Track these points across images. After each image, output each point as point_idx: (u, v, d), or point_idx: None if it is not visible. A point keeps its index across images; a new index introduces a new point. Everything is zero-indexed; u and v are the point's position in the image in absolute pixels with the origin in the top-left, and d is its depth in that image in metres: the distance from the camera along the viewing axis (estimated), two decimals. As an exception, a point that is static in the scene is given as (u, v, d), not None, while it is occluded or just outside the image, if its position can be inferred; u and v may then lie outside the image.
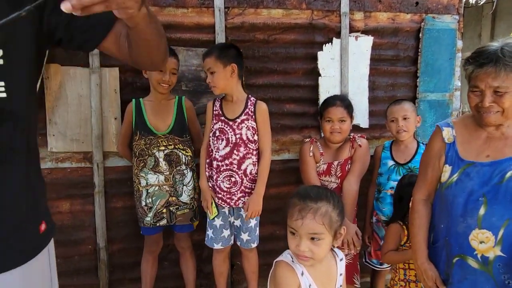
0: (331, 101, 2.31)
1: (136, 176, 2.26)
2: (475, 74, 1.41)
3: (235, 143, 2.15)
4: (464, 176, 1.48)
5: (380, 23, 2.66)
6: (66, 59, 2.34)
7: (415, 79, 2.75)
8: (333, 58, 2.61)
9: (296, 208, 1.29)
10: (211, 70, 2.11)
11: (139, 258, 2.39)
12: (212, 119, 2.20)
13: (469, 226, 1.43)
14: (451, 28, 2.72)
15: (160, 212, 2.23)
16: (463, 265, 1.46)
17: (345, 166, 2.31)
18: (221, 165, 2.15)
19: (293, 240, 1.30)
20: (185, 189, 2.26)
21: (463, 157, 1.51)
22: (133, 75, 2.43)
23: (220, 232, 2.21)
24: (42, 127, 2.35)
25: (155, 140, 2.22)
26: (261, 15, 2.51)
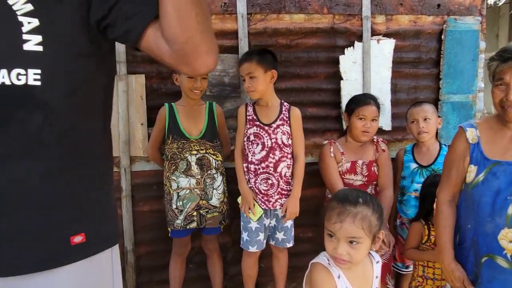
0: (365, 100, 2.30)
1: (167, 179, 2.29)
2: (499, 68, 1.45)
3: (270, 147, 2.20)
4: (490, 176, 1.49)
5: (402, 26, 2.67)
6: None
7: (438, 81, 2.74)
8: (355, 61, 2.63)
9: (334, 211, 1.30)
10: (252, 75, 2.16)
11: (165, 261, 2.43)
12: (246, 124, 2.24)
13: (498, 225, 1.44)
14: (473, 29, 2.71)
15: (190, 215, 2.26)
16: (492, 265, 1.46)
17: (371, 167, 2.31)
18: (257, 168, 2.21)
19: (330, 243, 1.30)
20: (215, 192, 2.30)
21: (488, 156, 1.52)
22: (158, 82, 2.48)
23: (256, 235, 2.23)
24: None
25: (188, 144, 2.26)
26: (283, 20, 2.55)
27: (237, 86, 2.56)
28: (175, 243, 2.37)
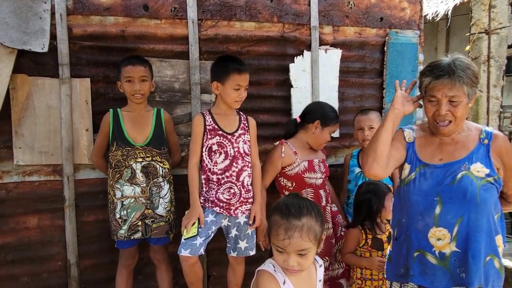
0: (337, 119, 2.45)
1: (111, 188, 2.21)
2: (432, 85, 1.55)
3: (233, 156, 2.17)
4: (420, 176, 1.62)
5: (348, 37, 2.78)
6: (34, 69, 2.28)
7: (382, 90, 2.89)
8: (304, 70, 2.70)
9: (281, 227, 1.29)
10: (247, 87, 2.18)
11: (112, 273, 2.33)
12: (205, 134, 2.14)
13: (427, 224, 1.57)
14: (413, 42, 2.89)
15: (135, 225, 2.19)
16: (423, 260, 1.58)
17: (325, 164, 2.48)
18: (221, 178, 2.15)
19: (280, 256, 1.31)
20: (161, 201, 2.24)
21: (420, 157, 1.65)
22: (105, 86, 2.40)
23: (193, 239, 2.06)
24: (7, 139, 2.26)
25: (133, 152, 2.19)
26: (234, 28, 2.56)
27: (187, 92, 2.53)
28: (122, 254, 2.28)
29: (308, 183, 2.37)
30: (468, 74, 1.53)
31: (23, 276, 2.35)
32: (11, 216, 2.30)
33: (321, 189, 2.41)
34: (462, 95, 1.53)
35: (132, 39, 2.41)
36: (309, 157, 2.41)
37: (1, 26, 2.15)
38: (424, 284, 1.58)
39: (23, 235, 2.33)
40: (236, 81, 2.10)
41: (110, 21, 2.37)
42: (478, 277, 1.50)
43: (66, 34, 2.28)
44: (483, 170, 1.55)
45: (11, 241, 2.30)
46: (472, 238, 1.51)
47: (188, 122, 2.53)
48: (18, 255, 2.32)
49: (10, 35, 2.16)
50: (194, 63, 2.49)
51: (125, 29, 2.38)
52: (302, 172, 2.35)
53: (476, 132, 1.64)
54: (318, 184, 2.39)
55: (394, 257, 1.70)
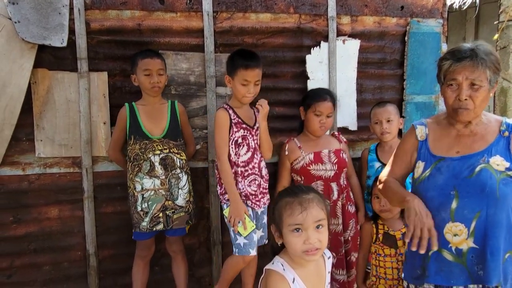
0: (322, 95, 2.36)
1: (131, 181, 2.24)
2: (453, 68, 1.48)
3: (254, 148, 2.21)
4: (435, 171, 1.55)
5: (367, 27, 2.71)
6: (54, 63, 2.33)
7: (402, 81, 2.80)
8: (321, 61, 2.65)
9: (294, 204, 1.30)
10: (258, 82, 2.16)
11: (130, 264, 2.38)
12: (231, 128, 2.14)
13: (443, 219, 1.50)
14: (435, 32, 2.78)
15: (156, 217, 2.22)
16: (438, 258, 1.52)
17: (340, 154, 2.39)
18: (244, 171, 2.16)
19: (298, 238, 1.28)
20: (180, 192, 2.26)
21: (434, 153, 1.58)
22: (122, 79, 2.43)
23: (252, 236, 2.12)
24: (29, 132, 2.33)
25: (150, 145, 2.21)
26: (249, 19, 2.54)
27: (203, 85, 2.52)
28: (138, 246, 2.32)
29: (317, 176, 2.32)
30: (491, 59, 1.46)
31: (45, 265, 2.42)
32: (33, 207, 2.37)
33: (333, 182, 2.33)
34: (484, 79, 1.45)
35: (148, 32, 2.42)
36: (316, 148, 2.37)
37: (23, 22, 2.21)
38: (441, 282, 1.52)
39: (45, 225, 2.40)
40: (243, 77, 2.09)
41: (127, 15, 2.39)
42: (496, 275, 1.44)
43: (84, 29, 2.32)
44: (503, 164, 1.47)
45: (34, 231, 2.38)
46: (491, 234, 1.44)
47: (204, 115, 2.53)
48: (41, 244, 2.40)
49: (31, 31, 2.22)
50: (209, 56, 2.48)
51: (141, 22, 2.40)
52: (307, 165, 2.33)
53: (496, 124, 1.56)
54: (328, 176, 2.33)
55: (410, 257, 1.64)
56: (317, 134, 2.39)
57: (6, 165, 2.30)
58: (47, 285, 2.43)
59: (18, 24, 2.20)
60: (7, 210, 2.34)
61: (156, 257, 2.49)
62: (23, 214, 2.36)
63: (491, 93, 1.52)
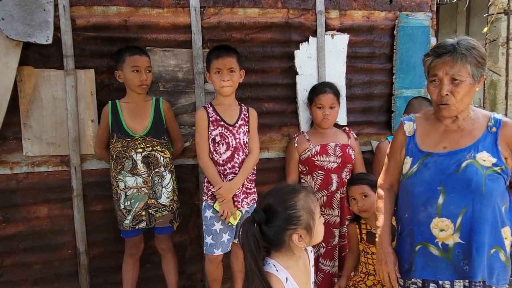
0: (321, 88, 2.46)
1: (114, 179, 2.23)
2: (433, 64, 1.50)
3: (235, 147, 2.19)
4: (422, 167, 1.56)
5: (355, 21, 2.70)
6: (39, 61, 2.31)
7: (391, 76, 2.80)
8: (310, 56, 2.64)
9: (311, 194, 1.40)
10: (233, 69, 2.15)
11: (120, 261, 2.38)
12: (209, 126, 2.16)
13: (430, 214, 1.51)
14: (424, 25, 2.78)
15: (139, 215, 2.21)
16: (425, 253, 1.53)
17: (345, 149, 2.45)
18: (224, 169, 2.17)
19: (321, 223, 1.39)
20: (164, 191, 2.25)
21: (422, 148, 1.59)
22: (109, 77, 2.40)
23: (220, 237, 2.18)
24: (16, 131, 2.31)
25: (132, 143, 2.20)
26: (237, 15, 2.52)
27: (191, 81, 2.51)
28: (127, 243, 2.32)
29: (319, 166, 2.41)
30: (473, 53, 1.46)
31: (35, 264, 2.42)
32: (22, 206, 2.36)
33: (333, 173, 2.41)
34: (464, 74, 1.46)
35: (135, 29, 2.40)
36: (324, 141, 2.46)
37: (7, 19, 2.18)
38: (427, 277, 1.53)
39: (34, 224, 2.39)
40: (215, 65, 2.13)
41: (113, 11, 2.37)
42: (481, 270, 1.45)
43: (69, 26, 2.29)
44: (489, 159, 1.48)
45: (23, 230, 2.37)
46: (476, 229, 1.45)
47: (192, 112, 2.52)
48: (30, 243, 2.39)
49: (16, 28, 2.19)
50: (197, 52, 2.47)
51: (128, 19, 2.37)
52: (313, 156, 2.42)
53: (484, 120, 1.57)
54: (330, 167, 2.41)
55: (399, 252, 1.66)
56: (322, 126, 2.48)
57: (-7, 165, 2.29)
58: (38, 284, 2.42)
59: (2, 21, 2.16)
60: (-4, 210, 2.32)
61: (146, 255, 2.49)
62: (12, 213, 2.35)
63: (476, 88, 1.53)
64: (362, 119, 2.80)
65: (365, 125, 2.81)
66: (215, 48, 2.22)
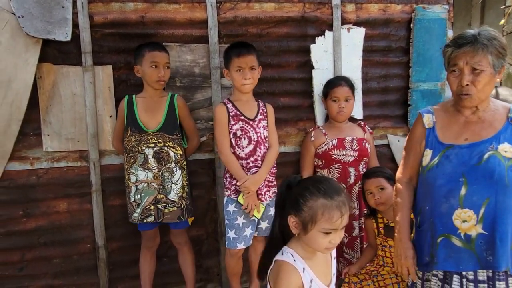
0: (336, 82, 2.47)
1: (126, 172, 2.26)
2: (454, 54, 1.50)
3: (257, 141, 2.20)
4: (444, 159, 1.55)
5: (372, 15, 2.68)
6: (58, 58, 2.33)
7: (408, 69, 2.77)
8: (326, 50, 2.63)
9: (332, 209, 1.26)
10: (254, 67, 2.17)
11: (138, 256, 2.40)
12: (229, 120, 2.17)
13: (452, 206, 1.51)
14: (441, 18, 2.75)
15: (147, 209, 2.24)
16: (447, 244, 1.53)
17: (362, 142, 2.46)
18: (246, 163, 2.18)
19: (326, 238, 1.28)
20: (173, 187, 2.26)
21: (442, 141, 1.58)
22: (127, 73, 2.42)
23: (243, 231, 2.18)
24: (36, 127, 2.34)
25: (145, 137, 2.22)
26: (253, 9, 2.52)
27: (208, 76, 2.52)
28: (143, 237, 2.35)
29: (336, 159, 2.42)
30: (494, 44, 1.45)
31: (55, 258, 2.45)
32: (42, 201, 2.39)
33: (351, 167, 2.43)
34: (485, 64, 1.45)
35: (152, 25, 2.41)
36: (340, 135, 2.46)
37: (27, 17, 2.21)
38: (449, 268, 1.53)
39: (54, 219, 2.42)
40: (236, 63, 2.14)
41: (130, 8, 2.38)
42: (505, 260, 1.45)
43: (87, 22, 2.31)
44: (511, 151, 1.47)
45: (44, 225, 2.41)
46: (499, 220, 1.45)
47: (209, 106, 2.53)
48: (50, 237, 2.43)
49: (35, 25, 2.22)
50: (214, 47, 2.47)
51: (145, 15, 2.39)
52: (330, 150, 2.43)
53: (503, 111, 1.56)
54: (347, 161, 2.42)
55: (418, 245, 1.65)
56: (338, 119, 2.48)
57: (14, 160, 2.32)
58: (57, 278, 2.46)
59: (22, 18, 2.20)
60: (17, 205, 2.36)
61: (163, 249, 2.52)
62: (32, 208, 2.38)
63: (497, 78, 1.52)
64: (378, 112, 2.78)
65: (381, 118, 2.79)
66: (234, 45, 2.22)
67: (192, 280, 2.43)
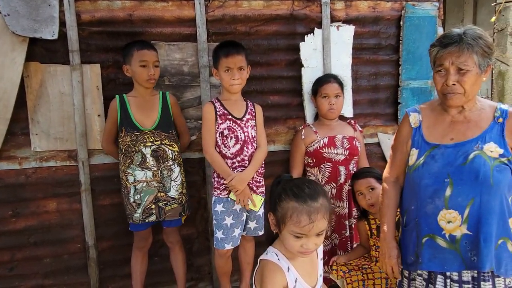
0: (325, 79, 2.48)
1: (123, 173, 2.25)
2: (440, 54, 1.50)
3: (244, 140, 2.19)
4: (429, 159, 1.55)
5: (361, 12, 2.67)
6: (45, 56, 2.31)
7: (398, 67, 2.77)
8: (315, 48, 2.62)
9: (302, 213, 1.25)
10: (243, 67, 2.16)
11: (129, 255, 2.40)
12: (216, 119, 2.17)
13: (437, 206, 1.51)
14: (431, 15, 2.75)
15: (149, 208, 2.23)
16: (432, 245, 1.53)
17: (353, 141, 2.46)
18: (233, 162, 2.17)
19: (297, 242, 1.28)
20: (173, 184, 2.26)
21: (428, 140, 1.58)
22: (115, 71, 2.41)
23: (231, 231, 2.18)
24: (24, 126, 2.33)
25: (141, 136, 2.22)
26: (241, 7, 2.50)
27: (197, 75, 2.51)
28: (136, 237, 2.34)
29: (327, 158, 2.42)
30: (480, 43, 1.45)
31: (45, 257, 2.45)
32: (31, 200, 2.38)
33: (341, 165, 2.42)
34: (471, 64, 1.45)
35: (140, 23, 2.40)
36: (331, 133, 2.46)
37: (13, 15, 2.19)
38: (434, 268, 1.53)
39: (43, 219, 2.42)
40: (225, 64, 2.13)
41: (118, 5, 2.37)
42: (489, 261, 1.45)
43: (74, 21, 2.30)
44: (496, 150, 1.47)
45: (33, 224, 2.40)
46: (484, 220, 1.45)
47: (198, 105, 2.53)
48: (40, 237, 2.42)
49: (22, 24, 2.20)
50: (202, 46, 2.46)
51: (133, 13, 2.37)
52: (321, 148, 2.42)
53: (490, 110, 1.56)
54: (338, 160, 2.42)
55: (404, 244, 1.66)
56: (328, 117, 2.47)
57: (2, 160, 2.31)
58: (48, 277, 2.46)
59: (8, 17, 2.18)
60: (6, 204, 2.35)
61: (155, 248, 2.52)
62: (21, 208, 2.37)
63: (483, 77, 1.52)
64: (369, 111, 2.78)
65: (372, 117, 2.80)
66: (222, 44, 2.21)
67: (183, 279, 2.43)
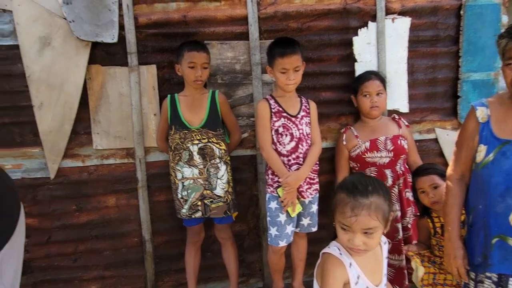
0: (366, 76, 2.39)
1: (172, 170, 2.31)
2: (509, 46, 1.41)
3: (299, 138, 2.17)
4: (500, 155, 1.45)
5: (418, 3, 2.56)
6: (106, 59, 2.43)
7: (457, 59, 2.63)
8: (369, 42, 2.55)
9: (347, 205, 1.26)
10: (299, 68, 2.13)
11: (183, 249, 2.46)
12: (271, 117, 2.17)
13: (509, 206, 1.41)
14: (494, 3, 2.58)
15: (195, 205, 2.28)
16: (502, 246, 1.44)
17: (397, 140, 2.33)
18: (289, 160, 2.16)
19: (345, 235, 1.28)
20: (219, 182, 2.29)
21: (498, 135, 1.48)
22: (170, 71, 2.48)
23: (284, 228, 2.18)
24: (87, 126, 2.45)
25: (189, 134, 2.26)
26: (293, 3, 2.49)
27: (248, 73, 2.52)
28: (188, 232, 2.40)
29: (371, 162, 2.32)
30: None
31: (105, 250, 2.57)
32: (93, 196, 2.51)
33: (387, 168, 2.31)
34: None
35: (194, 23, 2.45)
36: (373, 135, 2.35)
37: (77, 21, 2.31)
38: (505, 271, 1.43)
39: (104, 213, 2.54)
40: (281, 65, 2.09)
41: (172, 7, 2.43)
42: None
43: (132, 24, 2.39)
44: None
45: (94, 219, 2.53)
46: None
47: (250, 103, 2.54)
48: (101, 231, 2.54)
49: (85, 29, 2.32)
50: (254, 43, 2.47)
51: (187, 14, 2.43)
52: (363, 153, 2.33)
53: None
54: (382, 163, 2.31)
55: (470, 245, 1.57)
56: (371, 116, 2.37)
57: (67, 158, 2.45)
58: (108, 269, 2.58)
59: (73, 23, 2.30)
60: (70, 200, 2.49)
61: (207, 243, 2.56)
62: (84, 203, 2.51)
63: None
64: (425, 105, 2.66)
65: (429, 111, 2.67)
66: (278, 42, 2.18)
67: (235, 275, 2.46)
